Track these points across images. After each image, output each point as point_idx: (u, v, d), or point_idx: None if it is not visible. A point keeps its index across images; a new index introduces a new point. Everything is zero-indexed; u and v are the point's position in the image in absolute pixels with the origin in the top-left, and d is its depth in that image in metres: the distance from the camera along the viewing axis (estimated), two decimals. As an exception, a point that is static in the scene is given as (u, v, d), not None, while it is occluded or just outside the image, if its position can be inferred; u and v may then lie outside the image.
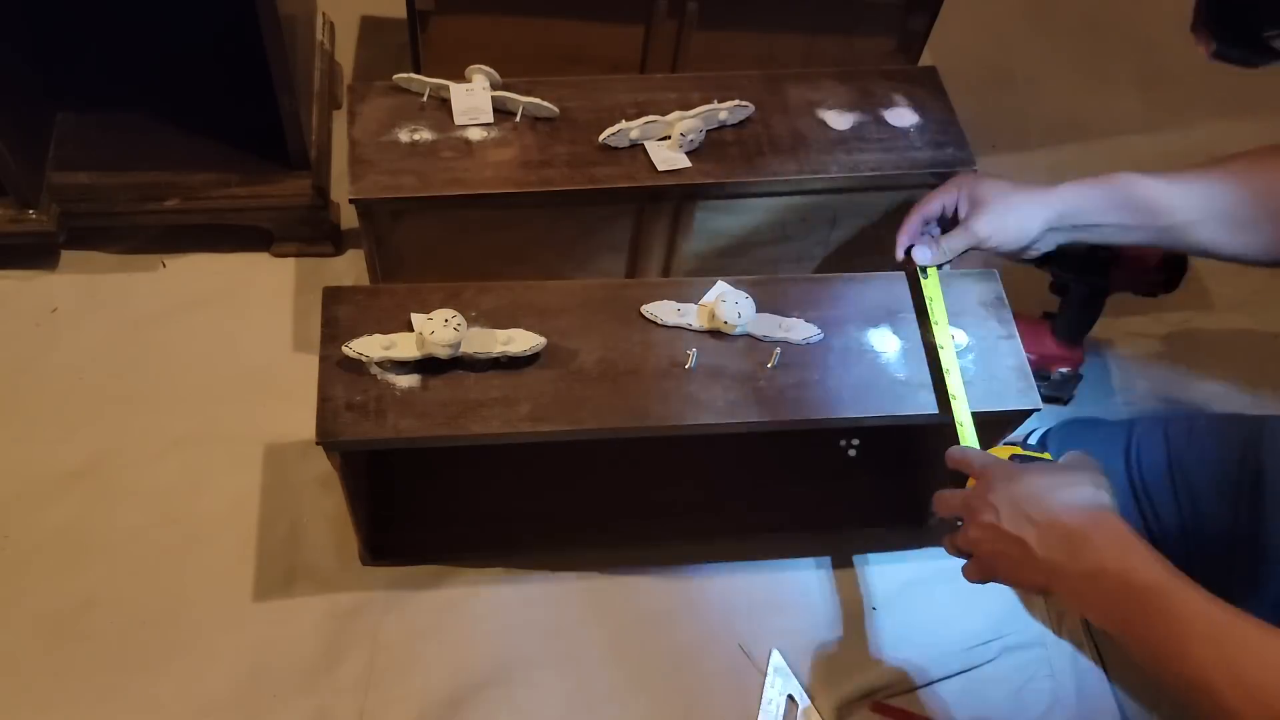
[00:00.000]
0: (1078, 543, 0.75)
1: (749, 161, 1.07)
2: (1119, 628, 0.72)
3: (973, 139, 1.10)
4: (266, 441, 1.15)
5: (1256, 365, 1.33)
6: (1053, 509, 0.77)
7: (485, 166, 1.03)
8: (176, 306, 1.25)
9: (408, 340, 0.90)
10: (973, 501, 0.81)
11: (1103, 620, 0.74)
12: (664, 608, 1.08)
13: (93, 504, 1.09)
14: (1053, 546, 0.76)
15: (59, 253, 1.27)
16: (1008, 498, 0.79)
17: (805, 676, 1.04)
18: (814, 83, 1.14)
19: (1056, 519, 0.76)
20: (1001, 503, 0.79)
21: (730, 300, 0.93)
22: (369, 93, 1.08)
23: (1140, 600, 0.71)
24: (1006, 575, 0.80)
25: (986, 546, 0.80)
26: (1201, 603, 0.69)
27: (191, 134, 1.25)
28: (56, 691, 0.99)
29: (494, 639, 1.05)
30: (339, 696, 1.00)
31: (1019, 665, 1.07)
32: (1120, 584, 0.72)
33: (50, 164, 1.21)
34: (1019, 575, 0.79)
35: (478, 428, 0.88)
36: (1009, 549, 0.78)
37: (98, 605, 1.03)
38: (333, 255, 1.31)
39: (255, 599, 1.05)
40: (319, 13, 1.41)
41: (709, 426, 0.91)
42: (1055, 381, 1.21)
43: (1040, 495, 0.78)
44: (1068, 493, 0.78)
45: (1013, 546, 0.77)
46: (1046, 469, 0.82)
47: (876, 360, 0.95)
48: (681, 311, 0.95)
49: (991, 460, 0.85)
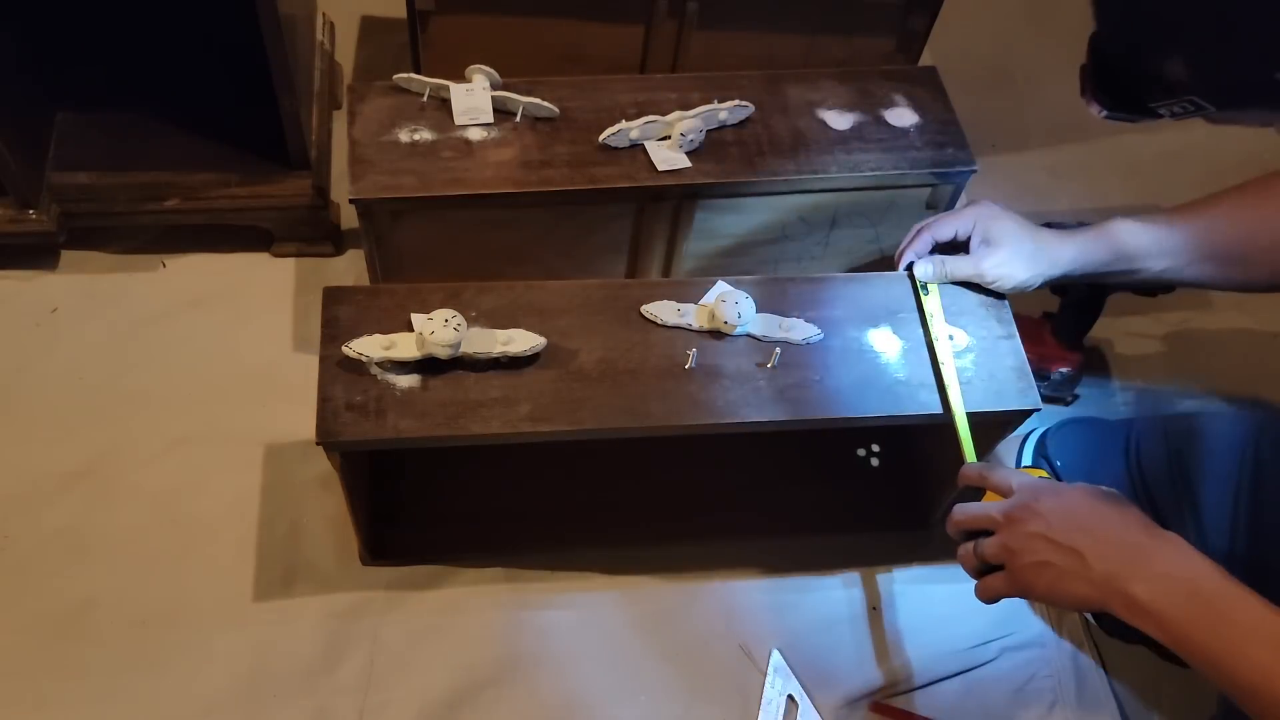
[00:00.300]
0: (1139, 553, 0.75)
1: (749, 161, 1.07)
2: (1181, 634, 0.72)
3: (973, 139, 1.10)
4: (266, 441, 1.15)
5: (1256, 365, 1.33)
6: (1109, 520, 0.77)
7: (485, 166, 1.03)
8: (176, 306, 1.25)
9: (408, 340, 0.90)
10: (1015, 512, 0.80)
11: (1163, 628, 0.73)
12: (664, 608, 1.08)
13: (93, 504, 1.09)
14: (1110, 558, 0.75)
15: (59, 253, 1.27)
16: (1059, 508, 0.78)
17: (805, 676, 1.04)
18: (814, 83, 1.14)
19: (1114, 531, 0.76)
20: (1052, 513, 0.78)
21: (730, 300, 0.93)
22: (369, 93, 1.08)
23: (1207, 606, 0.71)
24: (1049, 587, 0.78)
25: (1029, 558, 0.78)
26: (1268, 611, 0.70)
27: (191, 134, 1.25)
28: (56, 691, 0.99)
29: (494, 639, 1.05)
30: (339, 696, 1.00)
31: (1019, 665, 1.07)
32: (1188, 590, 0.72)
33: (50, 164, 1.21)
34: (1065, 587, 0.77)
35: (478, 428, 0.88)
36: (1060, 559, 0.77)
37: (98, 605, 1.03)
38: (333, 255, 1.31)
39: (255, 599, 1.05)
40: (319, 13, 1.41)
41: (709, 426, 0.91)
42: (1055, 381, 1.21)
43: (1093, 508, 0.78)
44: (1116, 507, 0.78)
45: (1065, 557, 0.76)
46: (1085, 486, 0.81)
47: (876, 360, 0.95)
48: (681, 312, 0.95)
49: (1021, 475, 0.84)
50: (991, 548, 0.81)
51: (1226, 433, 1.03)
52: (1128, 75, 0.69)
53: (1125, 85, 0.69)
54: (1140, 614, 0.74)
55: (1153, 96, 0.67)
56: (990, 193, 1.23)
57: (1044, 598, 0.80)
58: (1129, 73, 0.68)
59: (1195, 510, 1.00)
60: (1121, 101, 0.71)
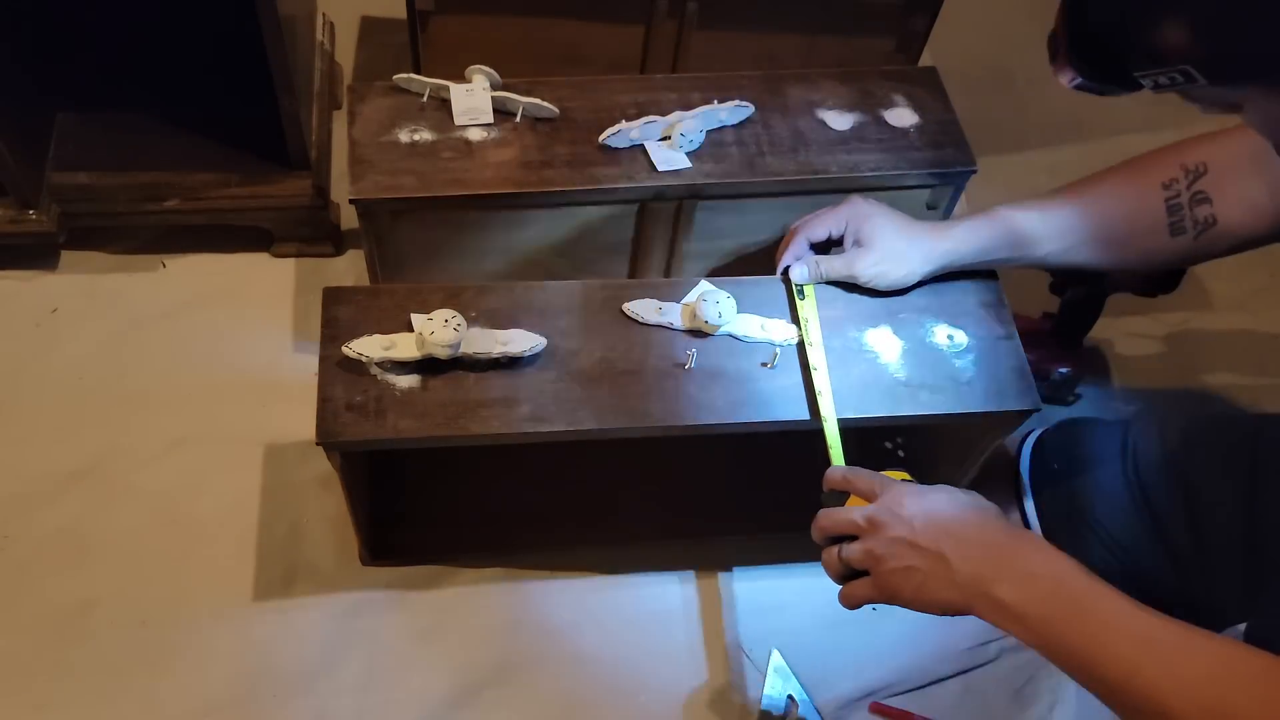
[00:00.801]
0: (1003, 554, 0.74)
1: (749, 161, 1.07)
2: (1046, 634, 0.71)
3: (973, 139, 1.10)
4: (266, 441, 1.15)
5: (1256, 365, 1.33)
6: (970, 523, 0.76)
7: (485, 167, 1.03)
8: (176, 306, 1.25)
9: (408, 340, 0.90)
10: (879, 516, 0.78)
11: (1028, 628, 0.72)
12: (663, 608, 1.08)
13: (93, 504, 1.09)
14: (975, 559, 0.74)
15: (59, 253, 1.27)
16: (922, 512, 0.77)
17: (805, 676, 1.04)
18: (814, 83, 1.14)
19: (977, 533, 0.75)
20: (915, 517, 0.76)
21: (711, 300, 0.93)
22: (369, 93, 1.08)
23: (1070, 603, 0.71)
24: (914, 593, 0.77)
25: (894, 563, 0.77)
26: (1130, 606, 0.69)
27: (191, 134, 1.25)
28: (56, 691, 0.99)
29: (494, 639, 1.05)
30: (339, 697, 1.00)
31: (1019, 665, 1.07)
32: (1051, 590, 0.71)
33: (50, 164, 1.21)
34: (930, 592, 0.76)
35: (478, 428, 0.88)
36: (924, 564, 0.75)
37: (98, 605, 1.03)
38: (333, 255, 1.31)
39: (255, 599, 1.05)
40: (319, 13, 1.41)
41: (709, 426, 0.91)
42: (1055, 382, 1.22)
43: (955, 511, 0.77)
44: (978, 510, 0.78)
45: (929, 561, 0.75)
46: (948, 491, 0.80)
47: (875, 360, 0.95)
48: (663, 310, 0.95)
49: (885, 478, 0.82)
50: (856, 553, 0.79)
51: (1226, 433, 1.03)
52: (1115, 38, 0.64)
53: (1109, 50, 0.64)
54: (1006, 616, 0.73)
55: (1138, 64, 0.63)
56: (990, 193, 1.23)
57: (910, 603, 0.78)
58: (1117, 35, 0.63)
59: (1193, 511, 1.00)
60: (1101, 69, 0.66)
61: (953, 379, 0.94)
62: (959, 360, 0.95)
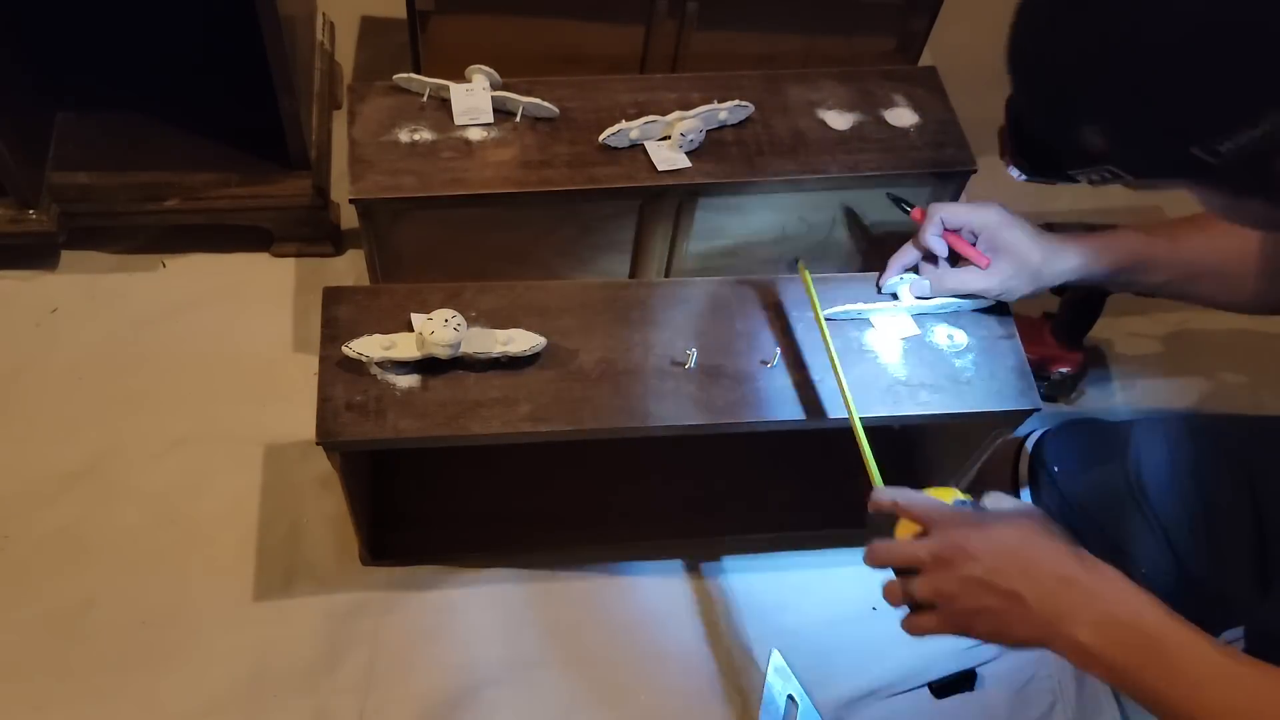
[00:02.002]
0: (1080, 592, 0.72)
1: (749, 161, 1.07)
2: (1128, 674, 0.70)
3: (973, 139, 1.10)
4: (266, 441, 1.15)
5: (1256, 365, 1.33)
6: (1043, 557, 0.73)
7: (485, 166, 1.03)
8: (176, 306, 1.25)
9: (408, 340, 0.90)
10: (945, 553, 0.74)
11: (1109, 670, 0.71)
12: (664, 608, 1.08)
13: (93, 504, 1.09)
14: (1051, 598, 0.72)
15: (59, 253, 1.27)
16: (991, 549, 0.74)
17: (805, 676, 1.04)
18: (814, 83, 1.14)
19: (1051, 567, 0.73)
20: (985, 555, 0.73)
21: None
22: (369, 93, 1.08)
23: (1153, 646, 0.69)
24: (990, 630, 0.74)
25: (966, 602, 0.73)
26: (1209, 647, 0.69)
27: (191, 134, 1.25)
28: (56, 691, 0.99)
29: (494, 639, 1.05)
30: (339, 697, 1.00)
31: (1019, 665, 1.07)
32: (1132, 631, 0.70)
33: (50, 164, 1.21)
34: (1007, 631, 0.74)
35: (478, 428, 0.88)
36: (999, 604, 0.73)
37: (98, 605, 1.03)
38: (333, 255, 1.31)
39: (255, 599, 1.05)
40: (319, 13, 1.41)
41: (709, 426, 0.91)
42: (1055, 381, 1.22)
43: (1023, 543, 0.74)
44: (1050, 542, 0.74)
45: (1004, 601, 0.73)
46: (1010, 519, 0.77)
47: (876, 360, 0.95)
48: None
49: (939, 505, 0.78)
50: (923, 590, 0.76)
51: (1226, 433, 1.03)
52: (1046, 142, 0.68)
53: (1045, 151, 0.69)
54: (1086, 658, 0.71)
55: (1071, 163, 0.67)
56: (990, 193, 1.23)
57: (985, 640, 0.76)
58: (1047, 140, 0.68)
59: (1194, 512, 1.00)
60: (1040, 167, 0.71)
61: (953, 379, 0.94)
62: (959, 360, 0.95)
